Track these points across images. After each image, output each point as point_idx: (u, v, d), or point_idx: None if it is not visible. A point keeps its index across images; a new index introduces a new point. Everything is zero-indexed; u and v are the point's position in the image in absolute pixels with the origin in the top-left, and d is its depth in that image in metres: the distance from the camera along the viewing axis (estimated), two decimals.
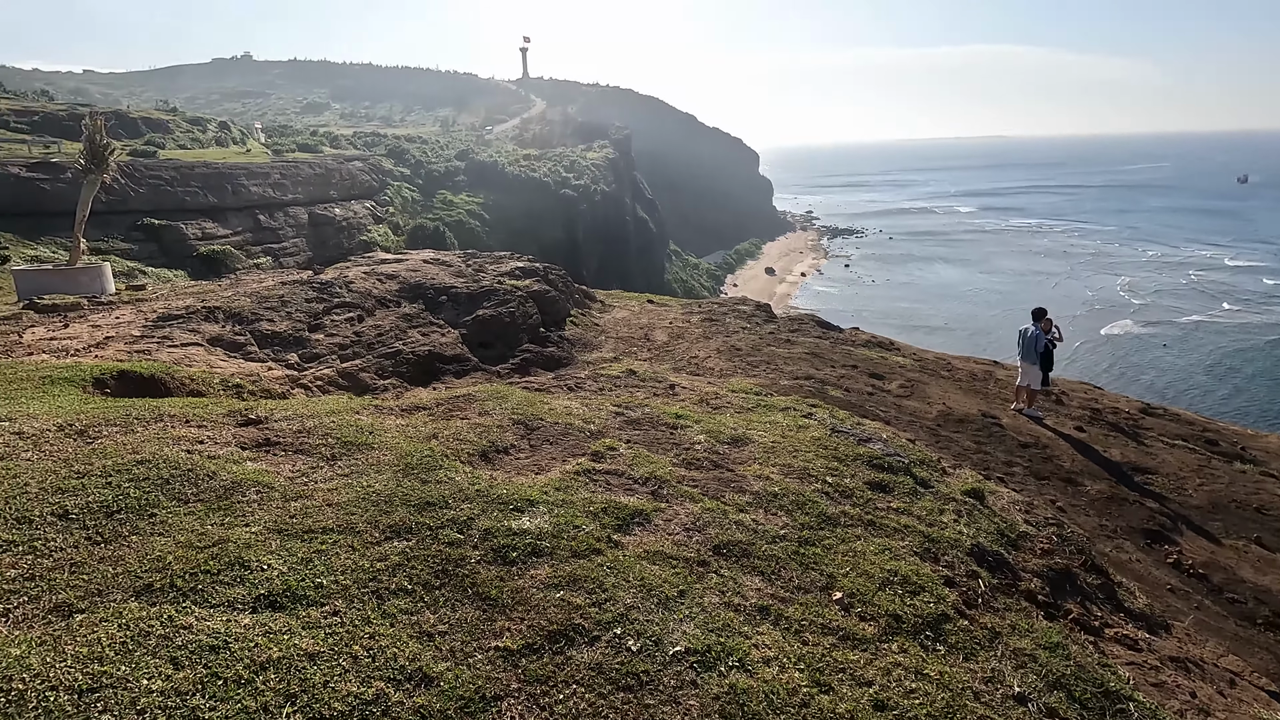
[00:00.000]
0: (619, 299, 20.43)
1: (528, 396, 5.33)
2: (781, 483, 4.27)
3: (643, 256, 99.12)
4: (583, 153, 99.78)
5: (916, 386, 12.39)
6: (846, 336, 17.46)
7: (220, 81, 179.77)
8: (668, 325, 16.26)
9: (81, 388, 4.83)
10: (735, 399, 6.55)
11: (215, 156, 47.40)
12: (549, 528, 3.20)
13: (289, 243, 47.38)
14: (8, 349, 6.21)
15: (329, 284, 9.63)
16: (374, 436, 4.00)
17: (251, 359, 7.29)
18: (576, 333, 13.43)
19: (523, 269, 14.68)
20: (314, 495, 3.20)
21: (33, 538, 2.50)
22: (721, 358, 12.72)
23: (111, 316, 7.67)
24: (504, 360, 10.30)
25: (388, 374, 8.30)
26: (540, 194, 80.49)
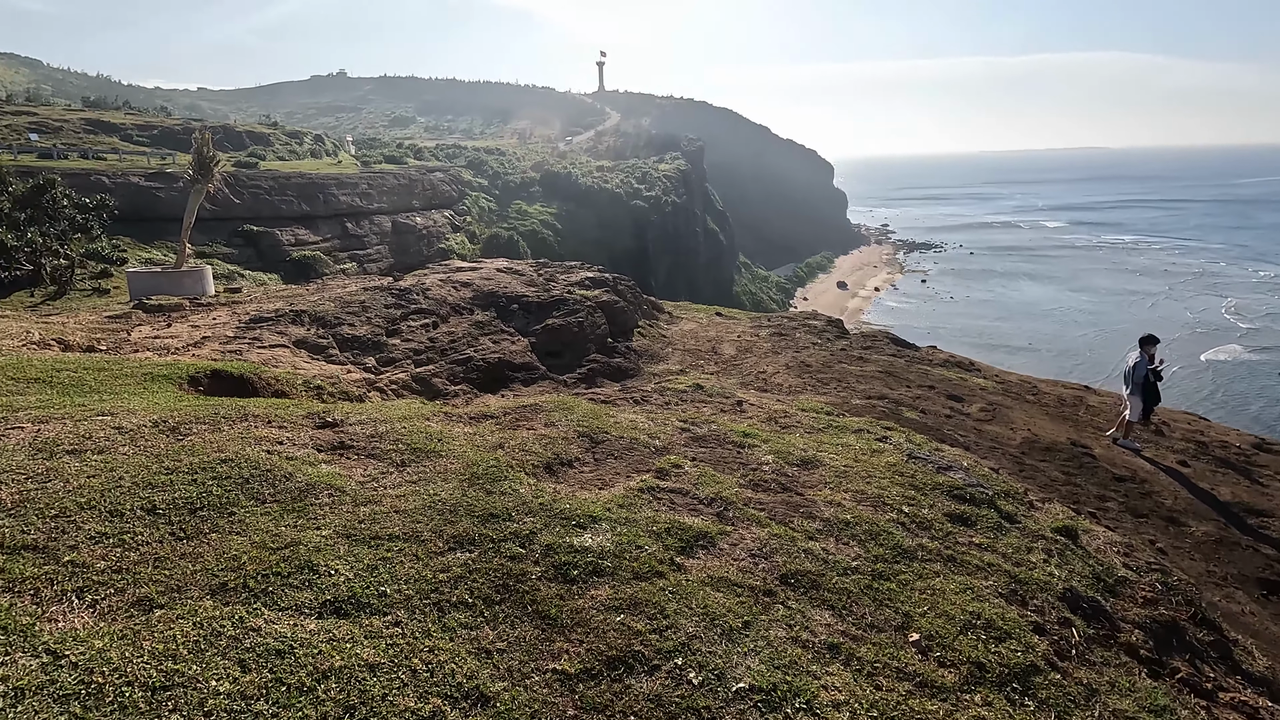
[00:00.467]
0: (686, 310, 20.35)
1: (593, 409, 5.31)
2: (854, 510, 4.07)
3: (711, 268, 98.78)
4: (655, 164, 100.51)
5: (999, 410, 11.74)
6: (923, 355, 16.78)
7: (317, 97, 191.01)
8: (735, 339, 16.04)
9: (178, 385, 5.11)
10: (805, 418, 6.34)
11: (310, 168, 50.23)
12: (611, 546, 3.13)
13: (373, 249, 49.62)
14: (117, 345, 6.67)
15: (407, 291, 9.95)
16: (442, 444, 4.05)
17: (333, 361, 7.58)
18: (643, 344, 13.41)
19: (592, 279, 14.80)
20: (382, 501, 3.25)
21: (122, 531, 2.62)
22: (790, 374, 12.42)
23: (209, 317, 8.14)
24: (571, 370, 10.37)
25: (459, 380, 8.49)
26: (612, 205, 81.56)
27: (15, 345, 5.70)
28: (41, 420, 3.60)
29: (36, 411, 3.76)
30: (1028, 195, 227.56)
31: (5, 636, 1.98)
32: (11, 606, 2.12)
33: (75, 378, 4.73)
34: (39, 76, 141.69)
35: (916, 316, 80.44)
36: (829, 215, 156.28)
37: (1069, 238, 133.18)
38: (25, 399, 4.08)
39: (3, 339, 5.84)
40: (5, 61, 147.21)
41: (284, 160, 52.67)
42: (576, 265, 16.68)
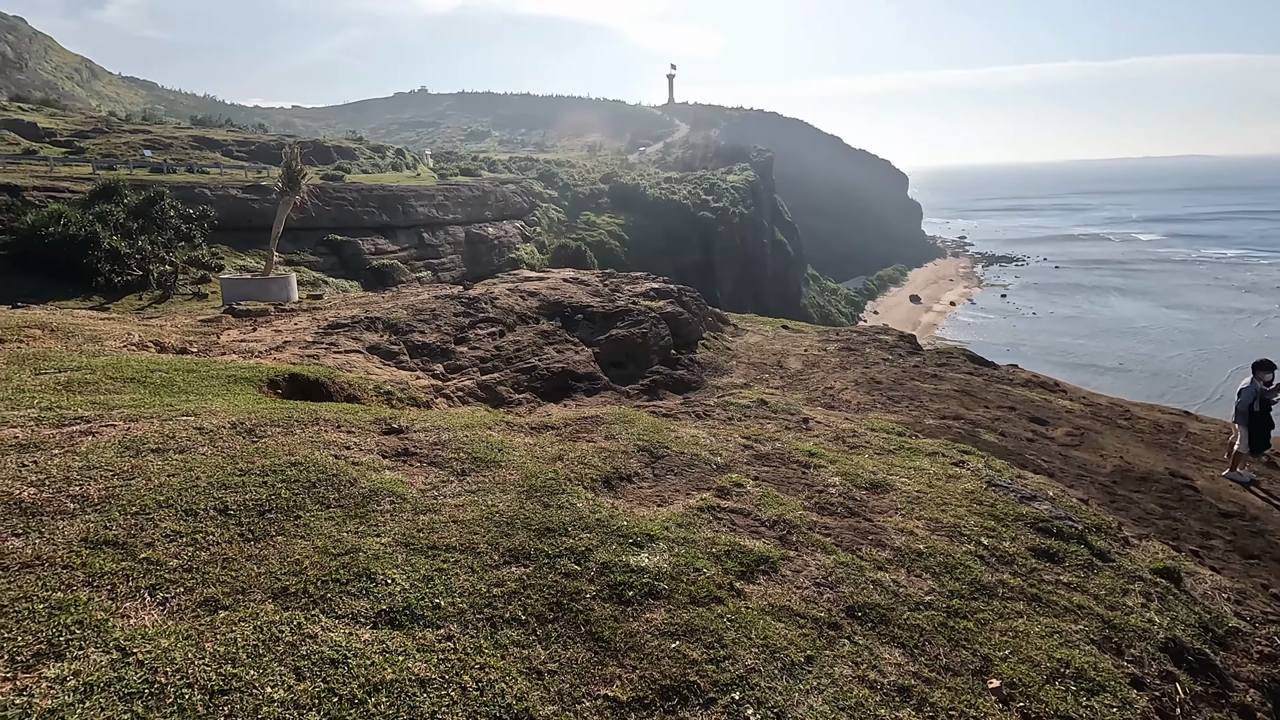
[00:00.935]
0: (752, 323, 20.06)
1: (654, 422, 5.23)
2: (927, 540, 3.83)
3: (779, 280, 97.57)
4: (723, 175, 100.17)
5: (1087, 435, 11.00)
6: (1002, 374, 15.95)
7: (399, 113, 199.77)
8: (802, 353, 15.67)
9: (258, 387, 5.34)
10: (875, 438, 6.08)
11: (390, 180, 52.49)
12: (668, 568, 3.04)
13: (447, 259, 51.30)
14: (207, 347, 7.05)
15: (476, 299, 10.16)
16: (502, 454, 4.05)
17: (403, 367, 7.79)
18: (707, 356, 13.27)
19: (657, 290, 14.78)
20: (441, 510, 3.26)
21: (195, 530, 2.71)
22: (859, 390, 12.01)
23: (291, 323, 8.52)
24: (634, 380, 10.34)
25: (523, 388, 8.58)
26: (679, 216, 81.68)
27: (118, 346, 6.09)
28: (132, 419, 3.80)
29: (129, 410, 3.98)
30: (1120, 206, 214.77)
31: (81, 631, 2.06)
32: (89, 601, 2.21)
33: (166, 378, 5.00)
34: (154, 97, 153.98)
35: (995, 333, 76.87)
36: (902, 227, 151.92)
37: (1165, 251, 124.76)
38: (121, 397, 4.33)
39: (108, 340, 6.25)
40: (126, 84, 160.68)
41: (367, 173, 55.26)
42: (642, 276, 16.71)
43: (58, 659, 1.94)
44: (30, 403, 3.95)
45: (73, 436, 3.44)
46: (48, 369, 4.78)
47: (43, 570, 2.32)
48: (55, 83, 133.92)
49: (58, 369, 4.79)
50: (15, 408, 3.82)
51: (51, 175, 34.75)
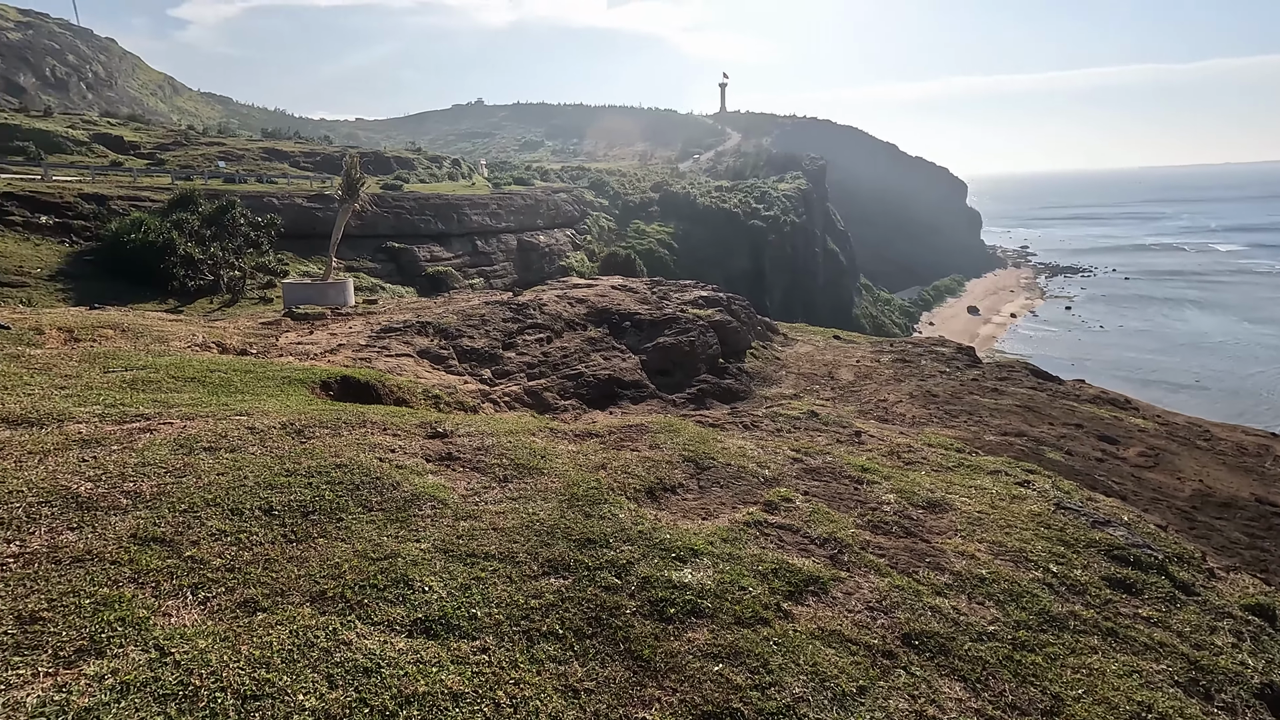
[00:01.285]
0: (802, 332, 19.68)
1: (700, 432, 5.10)
2: (990, 564, 3.60)
3: (830, 289, 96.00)
4: (774, 184, 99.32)
5: (1162, 457, 10.35)
6: (1068, 389, 15.20)
7: (456, 125, 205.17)
8: (854, 364, 15.27)
9: (311, 389, 5.44)
10: (932, 454, 5.80)
11: (446, 189, 53.79)
12: (712, 585, 2.91)
13: (499, 266, 52.18)
14: (266, 349, 7.26)
15: (524, 306, 10.23)
16: (545, 461, 4.00)
17: (451, 371, 7.87)
18: (756, 365, 13.04)
19: (706, 298, 14.64)
20: (482, 517, 3.21)
21: (240, 530, 2.72)
22: (914, 403, 11.60)
23: (346, 326, 8.72)
24: (681, 389, 10.22)
25: (569, 395, 8.57)
26: (729, 224, 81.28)
27: (182, 347, 6.31)
28: (188, 417, 3.89)
29: (186, 409, 4.08)
30: (1197, 215, 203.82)
31: (123, 629, 2.07)
32: (133, 598, 2.23)
33: (224, 379, 5.14)
34: (229, 112, 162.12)
35: (1058, 346, 73.74)
36: (960, 236, 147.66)
37: (1246, 262, 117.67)
38: (180, 396, 4.45)
39: (174, 340, 6.48)
40: (204, 99, 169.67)
41: (424, 183, 56.82)
42: (690, 284, 16.60)
43: (98, 656, 1.94)
44: (96, 399, 4.09)
45: (132, 433, 3.54)
46: (115, 367, 4.97)
47: (92, 565, 2.35)
48: (141, 99, 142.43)
49: (125, 367, 4.98)
50: (82, 404, 3.97)
51: (134, 185, 36.83)
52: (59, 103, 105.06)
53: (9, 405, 3.75)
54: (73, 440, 3.37)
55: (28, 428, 3.52)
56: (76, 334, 6.03)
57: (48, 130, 51.27)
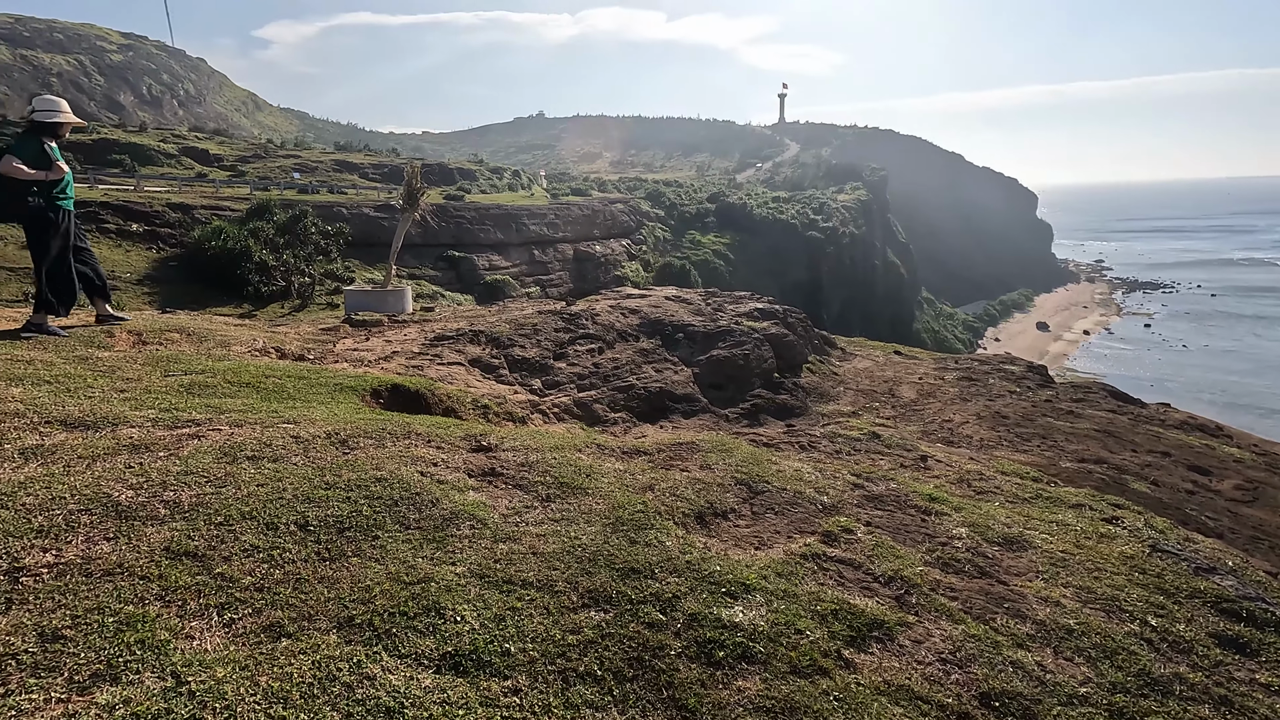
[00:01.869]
0: (861, 346, 19.06)
1: (754, 453, 4.85)
2: (1078, 614, 3.23)
3: (890, 302, 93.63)
4: (833, 194, 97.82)
5: (1263, 491, 9.47)
6: (1151, 413, 14.19)
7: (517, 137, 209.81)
8: (917, 381, 14.64)
9: (361, 397, 5.44)
10: (1006, 484, 5.38)
11: (506, 200, 54.85)
12: (765, 625, 2.67)
13: (555, 275, 52.83)
14: (322, 355, 7.36)
15: (577, 316, 10.15)
16: (590, 480, 3.82)
17: (502, 381, 7.82)
18: (813, 381, 12.63)
19: (761, 310, 14.30)
20: (521, 539, 3.06)
21: (273, 546, 2.64)
22: (982, 425, 10.99)
23: (401, 334, 8.81)
24: (734, 404, 9.95)
25: (619, 407, 8.41)
26: (786, 235, 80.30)
27: (242, 351, 6.43)
28: (237, 424, 3.89)
29: (237, 415, 4.09)
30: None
31: (142, 653, 1.99)
32: (157, 618, 2.15)
33: (278, 385, 5.17)
34: (305, 125, 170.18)
35: (1136, 365, 69.75)
36: (1029, 249, 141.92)
37: None
38: (234, 401, 4.48)
39: (235, 345, 6.62)
40: (283, 114, 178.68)
41: (485, 193, 58.13)
42: (746, 295, 16.27)
43: (113, 682, 1.86)
44: (152, 403, 4.14)
45: (180, 439, 3.54)
46: (175, 371, 5.07)
47: (121, 580, 2.30)
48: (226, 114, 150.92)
49: (184, 371, 5.06)
50: (138, 408, 4.01)
51: (217, 195, 38.83)
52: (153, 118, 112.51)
53: (69, 408, 3.82)
54: (123, 445, 3.39)
55: (83, 431, 3.56)
56: (145, 337, 6.22)
57: (142, 144, 54.78)
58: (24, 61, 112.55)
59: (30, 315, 5.86)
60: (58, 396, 3.98)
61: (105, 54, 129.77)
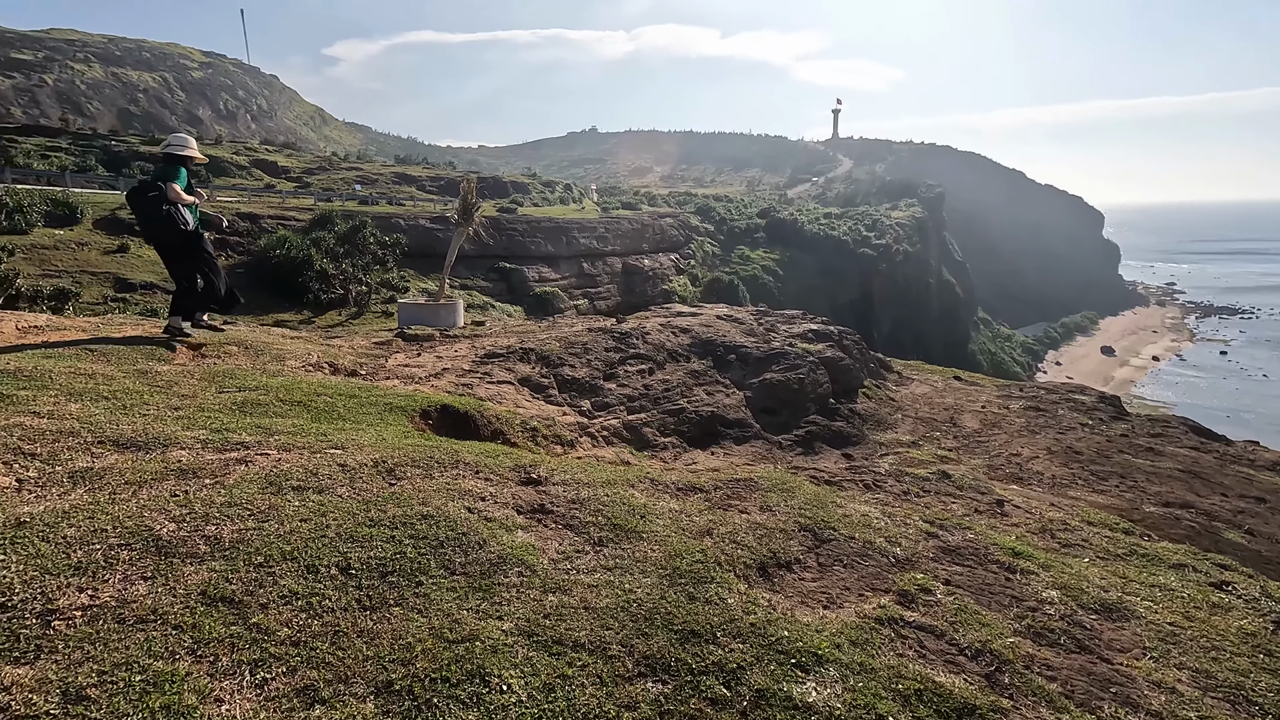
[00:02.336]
0: (919, 370, 18.37)
1: (817, 493, 4.53)
2: (1199, 704, 2.82)
3: (944, 322, 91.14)
4: (887, 211, 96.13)
5: None
6: (1239, 452, 13.17)
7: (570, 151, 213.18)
8: (979, 409, 13.96)
9: (410, 418, 5.34)
10: (1094, 536, 4.92)
11: (557, 213, 55.48)
12: (842, 709, 2.38)
13: (603, 288, 53.03)
14: (374, 371, 7.35)
15: (627, 335, 9.97)
16: (645, 522, 3.59)
17: (551, 401, 7.68)
18: (869, 407, 12.13)
19: (816, 332, 13.88)
20: (572, 590, 2.84)
21: (312, 592, 2.49)
22: (1054, 461, 10.33)
23: (452, 349, 8.77)
24: (787, 429, 9.58)
25: (669, 431, 8.17)
26: (837, 252, 79.10)
27: (296, 366, 6.44)
28: (285, 449, 3.80)
29: (285, 438, 4.01)
30: None
31: (167, 719, 1.83)
32: (186, 677, 2.00)
33: (329, 404, 5.11)
34: (367, 139, 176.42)
35: (1210, 395, 65.90)
36: (1094, 270, 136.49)
37: None
38: (284, 421, 4.41)
39: (290, 359, 6.64)
40: (348, 129, 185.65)
41: (537, 206, 58.98)
42: (798, 315, 15.85)
43: None
44: (204, 423, 4.10)
45: (228, 464, 3.45)
46: (230, 387, 5.06)
47: (154, 629, 2.17)
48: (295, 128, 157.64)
49: (238, 388, 5.05)
50: (190, 427, 3.97)
51: (283, 206, 40.32)
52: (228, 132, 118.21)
53: (122, 427, 3.79)
54: (171, 470, 3.32)
55: (134, 452, 3.51)
56: (204, 350, 6.28)
57: (216, 156, 57.47)
58: (115, 79, 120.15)
59: (168, 320, 6.75)
60: (113, 414, 3.98)
61: (187, 71, 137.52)
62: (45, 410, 3.84)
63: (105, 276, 26.91)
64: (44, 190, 31.14)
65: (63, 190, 32.51)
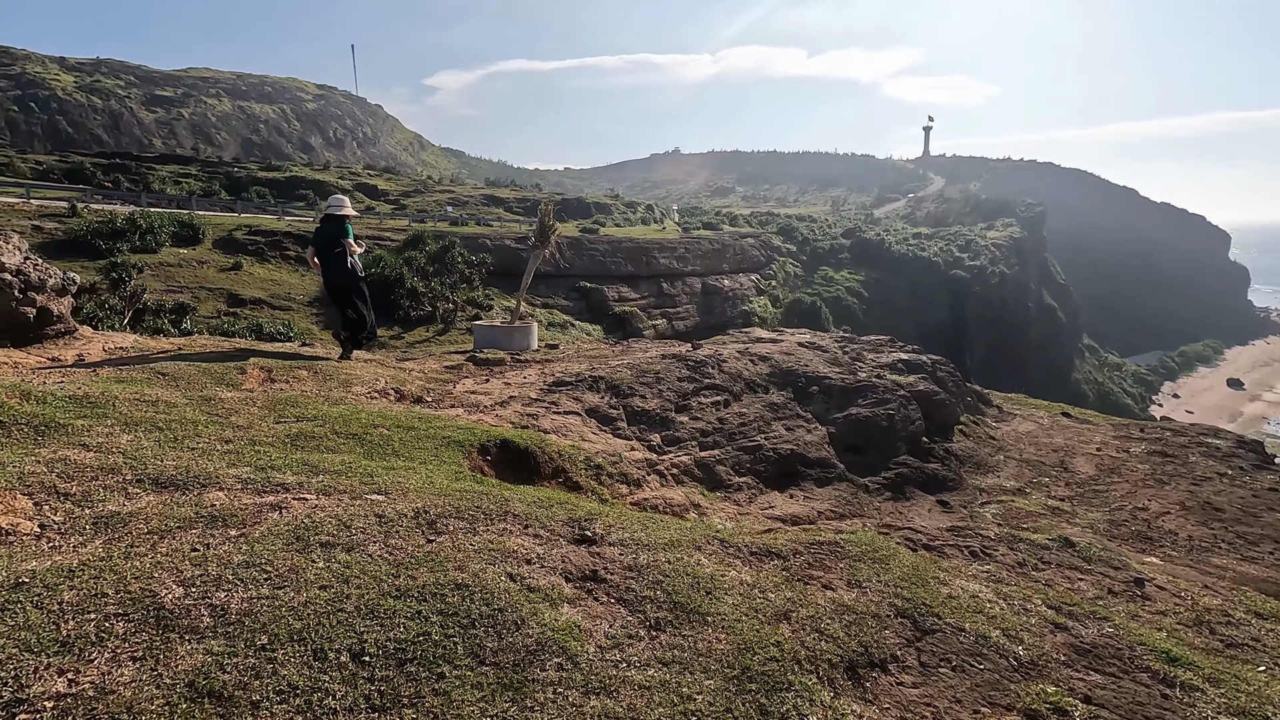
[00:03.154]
0: (1021, 405, 16.89)
1: (915, 565, 3.89)
2: None
3: (1045, 349, 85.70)
4: (982, 231, 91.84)
5: None
6: None
7: (652, 172, 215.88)
8: (1094, 452, 12.56)
9: (467, 454, 5.05)
10: (1265, 633, 4.01)
11: (638, 234, 55.76)
12: None
13: (682, 308, 52.72)
14: (440, 397, 7.18)
15: (702, 363, 9.48)
16: (711, 600, 3.09)
17: (619, 435, 7.28)
18: (967, 446, 11.09)
19: (906, 362, 12.92)
20: (620, 692, 2.37)
21: (315, 687, 2.13)
22: (1189, 519, 9.03)
23: (521, 376, 8.55)
24: (874, 471, 8.79)
25: (744, 470, 7.60)
26: (926, 274, 75.99)
27: (361, 393, 6.32)
28: (325, 491, 3.55)
29: (329, 478, 3.76)
30: None
31: None
32: None
33: (385, 437, 4.89)
34: (460, 163, 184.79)
35: None
36: (1218, 295, 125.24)
37: None
38: (333, 458, 4.19)
39: (356, 385, 6.54)
40: (443, 154, 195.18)
41: (619, 226, 59.57)
42: (886, 342, 14.87)
43: None
44: (251, 458, 3.92)
45: (261, 510, 3.21)
46: (288, 417, 4.92)
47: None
48: (396, 154, 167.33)
49: (296, 418, 4.91)
50: (235, 463, 3.79)
51: (380, 227, 42.30)
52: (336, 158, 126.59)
53: (167, 462, 3.64)
54: (202, 515, 3.10)
55: (170, 493, 3.34)
56: (274, 374, 6.27)
57: (323, 180, 61.31)
58: (240, 111, 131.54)
59: (345, 340, 8.41)
60: (161, 447, 3.86)
61: (303, 103, 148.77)
62: (95, 443, 3.76)
63: (220, 292, 28.90)
64: (173, 213, 33.99)
65: (188, 213, 35.35)
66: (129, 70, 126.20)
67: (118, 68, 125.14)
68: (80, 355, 5.73)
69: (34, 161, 48.73)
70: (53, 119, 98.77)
